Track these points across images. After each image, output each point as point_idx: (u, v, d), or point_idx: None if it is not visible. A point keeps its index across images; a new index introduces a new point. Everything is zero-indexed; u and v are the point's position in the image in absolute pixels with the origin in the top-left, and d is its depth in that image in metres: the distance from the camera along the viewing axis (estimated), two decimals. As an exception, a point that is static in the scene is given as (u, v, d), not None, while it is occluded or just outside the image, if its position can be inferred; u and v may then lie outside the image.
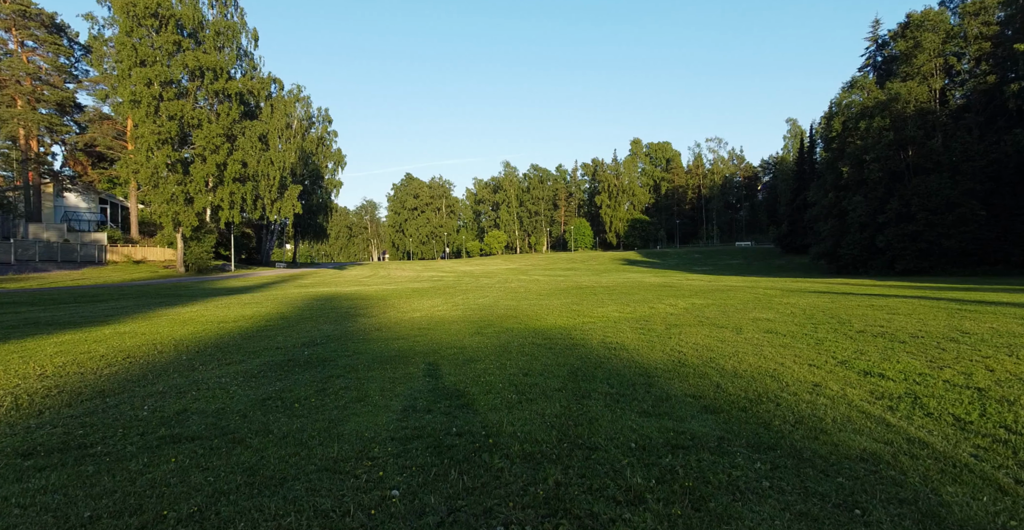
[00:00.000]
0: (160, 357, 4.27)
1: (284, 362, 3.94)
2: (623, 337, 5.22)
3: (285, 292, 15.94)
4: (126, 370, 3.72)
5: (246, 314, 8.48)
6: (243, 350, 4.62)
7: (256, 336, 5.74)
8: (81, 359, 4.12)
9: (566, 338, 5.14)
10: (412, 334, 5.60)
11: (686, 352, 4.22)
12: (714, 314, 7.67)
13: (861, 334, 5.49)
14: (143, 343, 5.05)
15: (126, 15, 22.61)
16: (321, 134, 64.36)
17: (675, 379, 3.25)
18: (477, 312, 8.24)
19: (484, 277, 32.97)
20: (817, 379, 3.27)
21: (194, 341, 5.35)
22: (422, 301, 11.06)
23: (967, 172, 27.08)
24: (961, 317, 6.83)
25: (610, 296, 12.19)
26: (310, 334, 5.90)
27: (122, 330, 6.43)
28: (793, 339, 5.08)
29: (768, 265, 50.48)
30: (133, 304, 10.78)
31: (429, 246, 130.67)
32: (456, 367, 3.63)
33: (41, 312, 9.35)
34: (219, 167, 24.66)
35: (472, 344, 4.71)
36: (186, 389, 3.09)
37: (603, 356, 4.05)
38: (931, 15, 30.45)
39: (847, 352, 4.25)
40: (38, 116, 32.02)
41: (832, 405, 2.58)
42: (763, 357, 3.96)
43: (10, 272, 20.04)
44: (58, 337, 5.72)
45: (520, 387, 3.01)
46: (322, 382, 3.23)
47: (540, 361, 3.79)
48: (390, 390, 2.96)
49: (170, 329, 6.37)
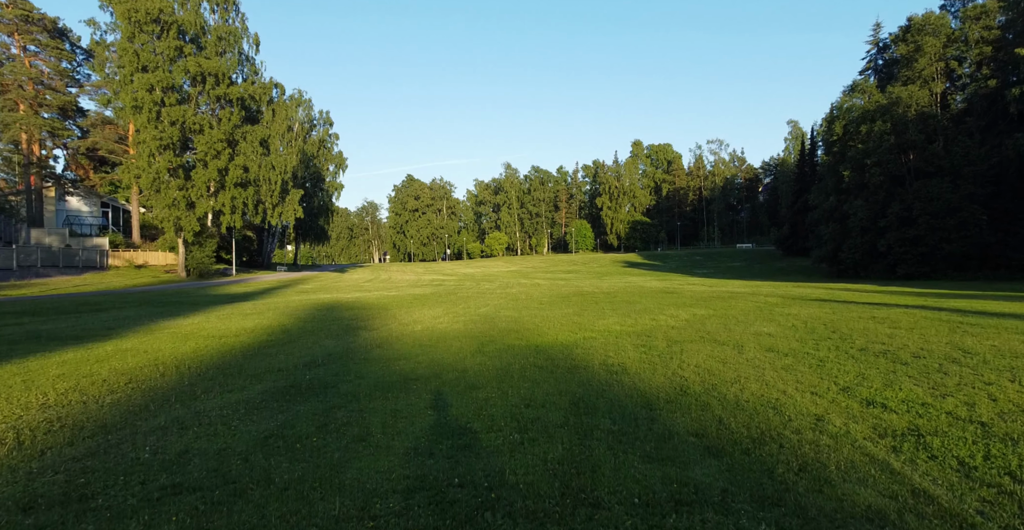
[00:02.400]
0: (162, 381, 4.27)
1: (286, 388, 3.94)
2: (624, 357, 5.21)
3: (286, 299, 15.94)
4: (128, 398, 3.72)
5: (247, 327, 8.48)
6: (244, 372, 4.62)
7: (257, 354, 5.74)
8: (83, 384, 4.12)
9: (567, 358, 5.13)
10: (414, 352, 5.59)
11: (688, 376, 4.21)
12: (715, 327, 7.66)
13: (863, 353, 5.47)
14: (145, 363, 5.05)
15: (128, 21, 22.68)
16: (322, 137, 64.50)
17: (677, 411, 3.24)
18: (478, 324, 8.23)
19: (485, 281, 32.94)
20: (820, 411, 3.26)
21: (196, 360, 5.35)
22: (423, 311, 11.06)
23: (968, 176, 27.04)
24: (963, 333, 6.81)
25: (611, 305, 12.17)
26: (311, 351, 5.90)
27: (124, 346, 6.43)
28: (795, 359, 5.06)
29: (769, 268, 50.41)
30: (134, 314, 10.79)
31: (430, 247, 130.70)
32: (458, 395, 3.63)
33: (43, 323, 9.36)
34: (221, 172, 24.71)
35: (474, 366, 4.70)
36: (188, 423, 3.09)
37: (605, 381, 4.04)
38: (932, 19, 30.43)
39: (849, 376, 4.24)
40: (40, 120, 32.09)
41: (835, 446, 2.57)
42: (765, 383, 3.95)
43: (12, 278, 20.08)
44: (60, 355, 5.73)
45: (522, 422, 3.00)
46: (324, 415, 3.22)
47: (542, 388, 3.78)
48: (392, 426, 2.95)
49: (172, 345, 6.37)
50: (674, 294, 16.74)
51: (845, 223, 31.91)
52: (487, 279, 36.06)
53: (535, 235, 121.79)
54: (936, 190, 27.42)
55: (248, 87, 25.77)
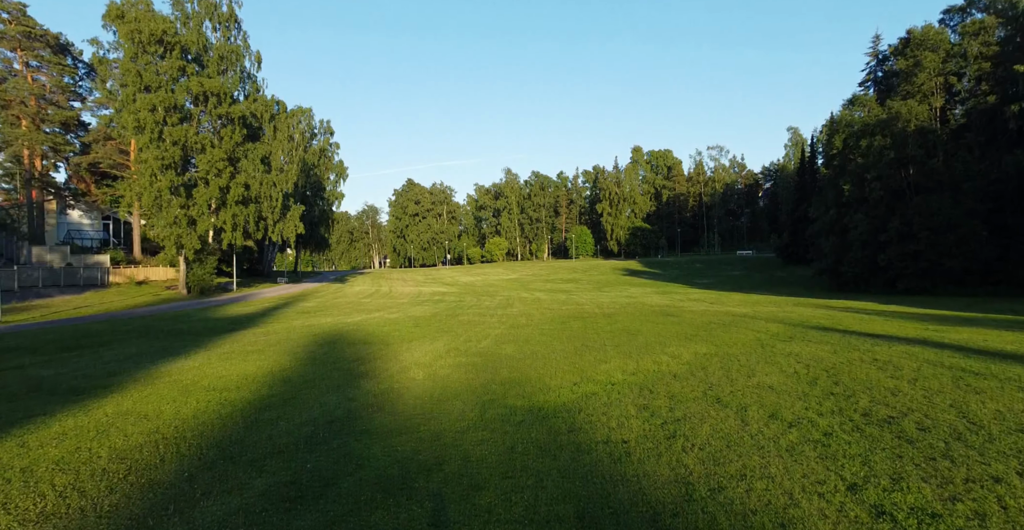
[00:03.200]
0: (162, 471, 4.25)
1: (287, 486, 3.92)
2: (627, 429, 5.18)
3: (288, 325, 15.92)
4: (127, 500, 3.69)
5: (248, 372, 8.47)
6: (245, 454, 4.60)
7: (258, 421, 5.71)
8: (83, 477, 4.10)
9: (571, 432, 5.10)
10: (414, 421, 5.56)
11: (692, 467, 4.19)
12: (718, 377, 7.63)
13: (867, 420, 5.44)
14: (146, 439, 5.03)
15: (131, 41, 22.82)
16: (323, 146, 64.75)
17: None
18: (480, 372, 8.19)
19: (486, 295, 32.88)
20: (828, 527, 3.23)
21: (197, 431, 5.33)
22: (423, 346, 11.03)
23: (968, 192, 27.10)
24: (966, 388, 6.77)
25: (611, 336, 12.16)
26: (312, 414, 5.88)
27: (124, 406, 6.41)
28: (799, 433, 5.03)
29: (769, 278, 50.34)
30: (135, 351, 10.77)
31: (430, 252, 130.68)
32: (460, 501, 3.60)
33: (44, 366, 9.35)
34: (222, 190, 24.78)
35: (476, 447, 4.68)
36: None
37: (609, 475, 4.02)
38: (931, 34, 30.58)
39: (855, 464, 4.21)
40: (42, 136, 32.25)
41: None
42: (771, 480, 3.93)
43: (13, 300, 20.10)
44: (61, 422, 5.71)
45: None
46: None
47: (547, 490, 3.76)
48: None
49: (173, 407, 6.35)
50: (674, 317, 16.70)
51: (845, 236, 31.95)
52: (487, 293, 36.02)
53: (535, 240, 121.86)
54: (936, 205, 27.45)
55: (250, 105, 25.88)
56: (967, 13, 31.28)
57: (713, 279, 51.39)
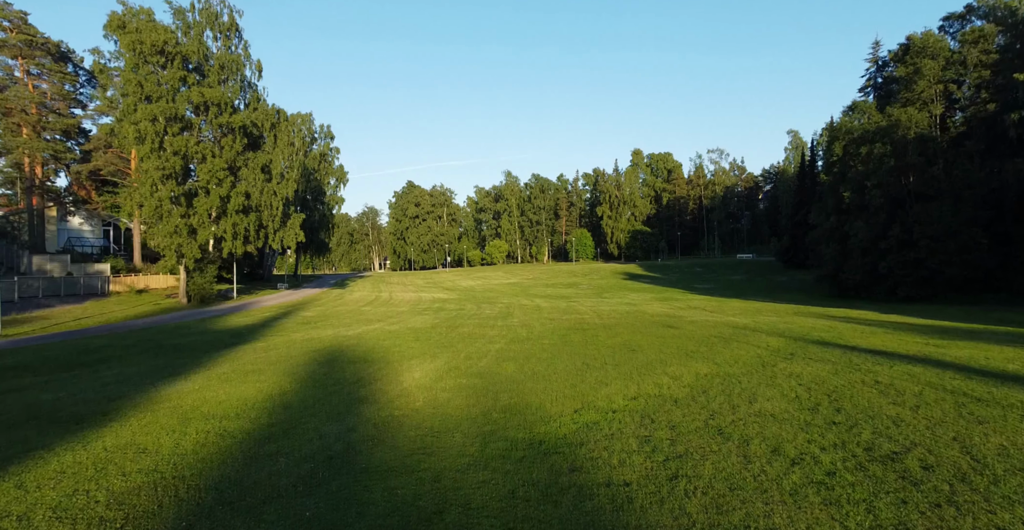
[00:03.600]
0: (158, 521, 4.23)
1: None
2: (629, 468, 5.15)
3: (288, 339, 15.91)
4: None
5: (248, 396, 8.45)
6: (243, 499, 4.58)
7: (257, 456, 5.68)
8: (80, 527, 4.08)
9: (572, 471, 5.07)
10: (414, 459, 5.53)
11: (694, 515, 4.16)
12: (719, 402, 7.61)
13: (870, 455, 5.41)
14: (144, 481, 5.00)
15: (132, 52, 22.87)
16: (323, 151, 64.87)
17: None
18: (480, 396, 8.16)
19: (486, 303, 32.86)
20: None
21: (195, 470, 5.30)
22: (423, 365, 11.00)
23: (969, 200, 27.09)
24: (968, 417, 6.74)
25: (611, 353, 12.16)
26: (311, 449, 5.85)
27: (123, 439, 6.38)
28: (802, 473, 4.99)
29: (770, 283, 50.32)
30: (135, 371, 10.75)
31: (431, 254, 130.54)
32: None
33: (44, 388, 9.33)
34: (222, 199, 24.80)
35: (475, 490, 4.66)
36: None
37: (611, 524, 4.00)
38: (931, 41, 30.60)
39: (859, 511, 4.18)
40: (43, 144, 32.30)
41: None
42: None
43: (13, 311, 20.09)
44: (59, 459, 5.68)
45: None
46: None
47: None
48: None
49: (172, 439, 6.32)
50: (674, 329, 16.68)
51: (846, 244, 31.93)
52: (487, 299, 36.01)
53: (535, 243, 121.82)
54: (937, 213, 27.44)
55: (250, 114, 25.92)
56: (967, 20, 31.33)
57: (713, 284, 51.34)
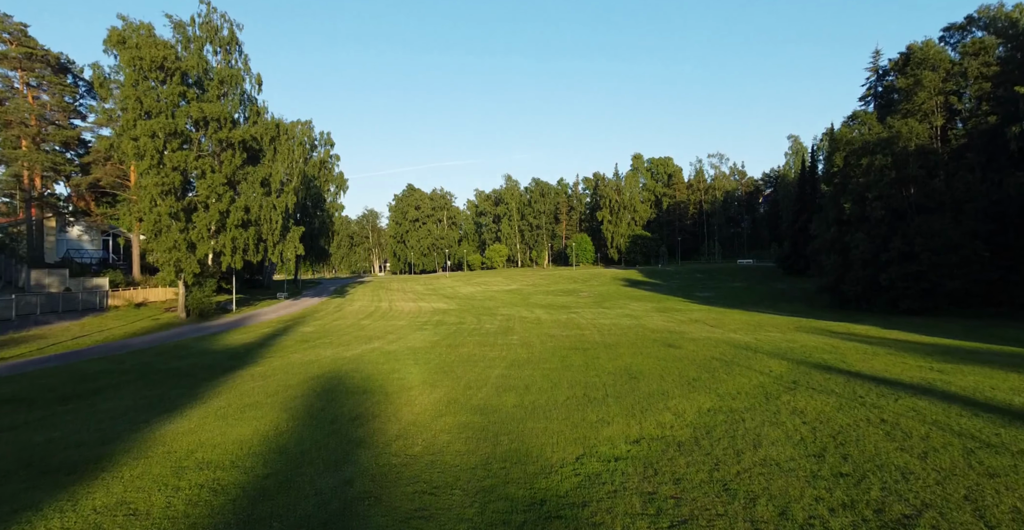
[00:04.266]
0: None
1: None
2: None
3: (287, 362, 15.81)
4: None
5: (244, 437, 8.37)
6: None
7: (251, 520, 5.57)
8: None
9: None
10: (411, 525, 5.41)
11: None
12: (723, 446, 7.51)
13: (880, 519, 5.29)
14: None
15: (132, 67, 22.84)
16: (323, 158, 64.82)
17: None
18: (479, 440, 8.04)
19: (486, 315, 32.78)
20: None
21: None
22: (422, 397, 10.91)
23: (970, 212, 27.00)
24: (979, 469, 6.61)
25: (613, 383, 12.07)
26: (307, 509, 5.74)
27: (114, 496, 6.26)
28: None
29: (771, 291, 50.20)
30: (131, 405, 10.64)
31: (431, 258, 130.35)
32: None
33: (37, 428, 9.23)
34: (222, 214, 24.73)
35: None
36: None
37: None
38: (931, 52, 30.57)
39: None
40: (43, 156, 32.26)
41: None
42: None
43: (10, 330, 19.99)
44: (47, 524, 5.56)
45: None
46: None
47: None
48: None
49: (164, 496, 6.20)
50: (675, 349, 16.62)
51: (847, 255, 31.83)
52: (487, 310, 35.92)
53: (535, 247, 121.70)
54: (938, 226, 27.35)
55: (250, 128, 25.89)
56: (967, 31, 31.33)
57: (713, 292, 51.22)
